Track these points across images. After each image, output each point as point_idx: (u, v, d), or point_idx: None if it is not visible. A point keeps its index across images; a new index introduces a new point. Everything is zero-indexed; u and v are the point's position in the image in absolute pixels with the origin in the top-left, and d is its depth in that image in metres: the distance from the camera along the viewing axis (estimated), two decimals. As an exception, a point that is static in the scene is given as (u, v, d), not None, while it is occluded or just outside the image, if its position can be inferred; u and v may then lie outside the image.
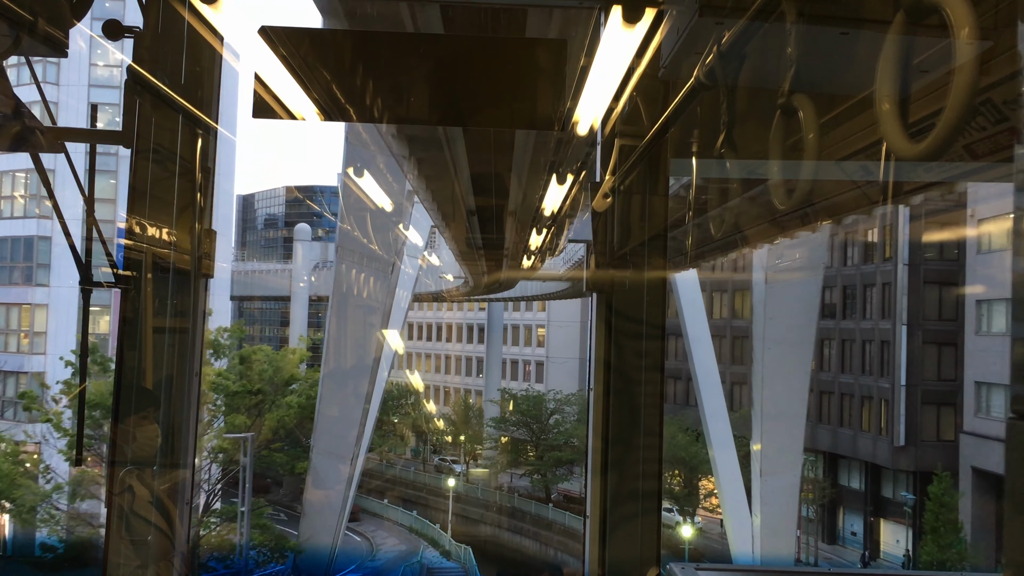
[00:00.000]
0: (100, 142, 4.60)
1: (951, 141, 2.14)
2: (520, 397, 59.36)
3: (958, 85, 2.03)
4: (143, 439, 4.43)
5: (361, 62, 4.48)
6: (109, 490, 4.37)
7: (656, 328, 5.91)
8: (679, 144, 5.59)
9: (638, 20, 3.49)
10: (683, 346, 52.42)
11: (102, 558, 4.37)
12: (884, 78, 2.36)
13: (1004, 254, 32.98)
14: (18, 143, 4.19)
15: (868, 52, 2.96)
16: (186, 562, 4.70)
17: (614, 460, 5.89)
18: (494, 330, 73.18)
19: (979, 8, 2.04)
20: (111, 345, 37.30)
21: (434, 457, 63.54)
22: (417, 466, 62.02)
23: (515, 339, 72.83)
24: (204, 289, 4.83)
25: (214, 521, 32.93)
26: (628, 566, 5.73)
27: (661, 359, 5.98)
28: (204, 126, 4.61)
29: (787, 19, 3.03)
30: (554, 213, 14.42)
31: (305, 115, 4.55)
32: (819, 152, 3.05)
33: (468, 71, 4.56)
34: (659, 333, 5.94)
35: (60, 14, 3.90)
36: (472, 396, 71.16)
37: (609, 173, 5.90)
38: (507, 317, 72.69)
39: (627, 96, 5.13)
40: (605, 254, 6.18)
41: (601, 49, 4.01)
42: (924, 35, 2.36)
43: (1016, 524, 1.52)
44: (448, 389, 75.25)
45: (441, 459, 62.22)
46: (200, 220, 4.65)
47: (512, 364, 72.59)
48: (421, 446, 64.85)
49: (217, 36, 4.32)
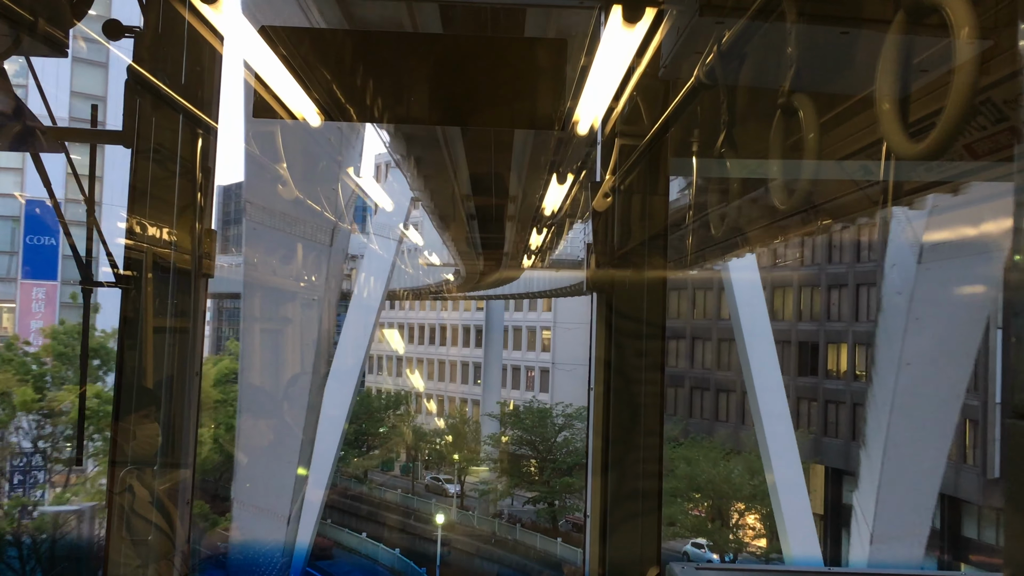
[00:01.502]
0: (100, 142, 4.61)
1: (951, 141, 2.14)
2: (523, 411, 51.02)
3: (958, 85, 2.03)
4: (143, 439, 4.43)
5: (361, 62, 4.48)
6: (110, 490, 4.38)
7: (656, 328, 5.91)
8: (679, 144, 5.59)
9: (638, 20, 3.48)
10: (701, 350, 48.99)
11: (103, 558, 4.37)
12: (884, 78, 2.36)
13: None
14: (18, 143, 4.19)
15: (868, 52, 2.96)
16: (186, 561, 4.70)
17: (614, 460, 5.89)
18: (493, 332, 65.64)
19: (979, 8, 2.05)
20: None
21: (426, 474, 55.83)
22: (407, 486, 54.12)
23: (516, 342, 64.96)
24: (204, 289, 4.83)
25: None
26: (628, 566, 5.73)
27: (661, 359, 5.98)
28: (204, 126, 4.61)
29: (787, 19, 3.04)
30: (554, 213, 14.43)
31: (305, 115, 4.55)
32: (819, 152, 3.05)
33: (468, 71, 4.56)
34: (659, 333, 5.94)
35: (60, 14, 3.90)
36: (468, 406, 63.84)
37: (609, 173, 5.90)
38: (508, 318, 65.25)
39: (627, 96, 5.13)
40: (605, 254, 6.18)
41: (601, 49, 4.00)
42: (924, 35, 2.36)
43: (1016, 524, 1.52)
44: (442, 398, 67.37)
45: (433, 478, 54.36)
46: (200, 220, 4.66)
47: (513, 371, 64.67)
48: (411, 462, 56.79)
49: (217, 36, 4.32)
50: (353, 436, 52.43)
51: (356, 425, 52.12)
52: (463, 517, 46.75)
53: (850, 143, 4.43)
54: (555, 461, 45.16)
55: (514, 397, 60.04)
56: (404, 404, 58.42)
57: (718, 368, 47.40)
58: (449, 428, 55.11)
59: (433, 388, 68.53)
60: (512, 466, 48.04)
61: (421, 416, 62.47)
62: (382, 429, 55.28)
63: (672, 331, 48.28)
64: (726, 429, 44.97)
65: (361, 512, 49.66)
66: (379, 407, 56.11)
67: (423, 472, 55.91)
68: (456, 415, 58.03)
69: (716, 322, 47.35)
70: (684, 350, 49.32)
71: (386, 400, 57.77)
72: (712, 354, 48.04)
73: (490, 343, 65.23)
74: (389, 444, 55.35)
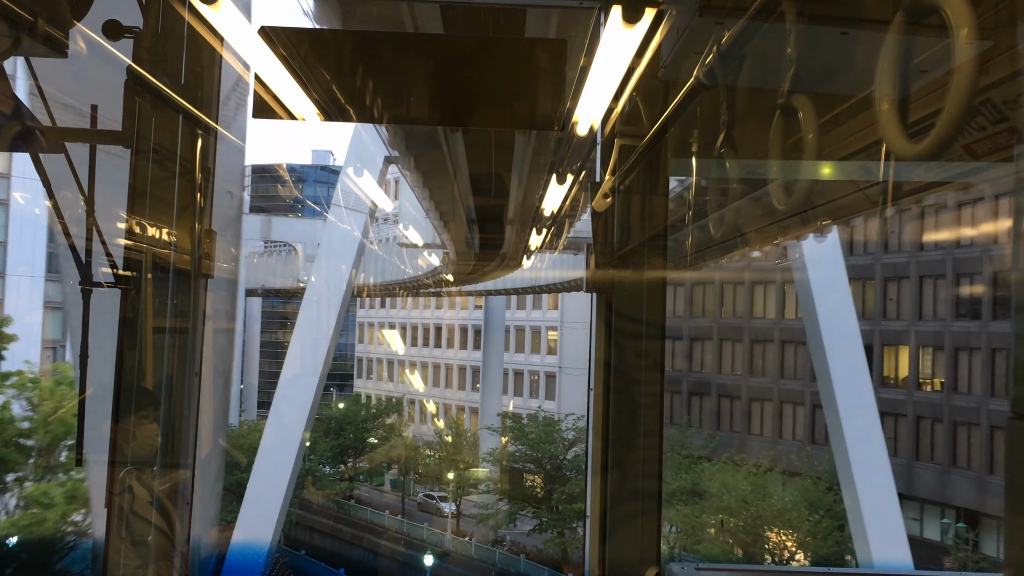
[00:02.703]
0: (100, 142, 4.61)
1: (951, 141, 2.14)
2: (528, 425, 43.92)
3: (958, 85, 2.03)
4: (143, 439, 4.43)
5: (361, 62, 4.48)
6: (109, 490, 4.38)
7: (656, 328, 5.91)
8: (679, 144, 5.59)
9: (638, 20, 3.48)
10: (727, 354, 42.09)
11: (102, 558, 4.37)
12: (884, 78, 2.37)
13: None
14: (18, 143, 4.19)
15: (868, 52, 2.96)
16: (186, 562, 4.70)
17: (614, 460, 5.89)
18: (493, 332, 58.22)
19: (979, 8, 2.05)
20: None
21: (419, 490, 50.89)
22: (397, 504, 49.11)
23: (519, 344, 58.33)
24: (204, 289, 4.84)
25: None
26: (628, 566, 5.73)
27: (661, 359, 5.98)
28: (204, 126, 4.62)
29: (787, 19, 3.04)
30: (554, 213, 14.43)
31: (305, 115, 4.55)
32: (819, 152, 3.05)
33: (468, 71, 4.56)
34: (659, 333, 5.94)
35: (60, 14, 3.90)
36: (466, 414, 57.71)
37: (609, 173, 5.90)
38: (509, 316, 58.51)
39: (627, 96, 5.13)
40: (605, 254, 6.18)
41: (601, 49, 4.00)
42: (924, 35, 2.36)
43: (1016, 524, 1.53)
44: (438, 405, 61.25)
45: (427, 495, 49.36)
46: (200, 220, 4.66)
47: (515, 375, 57.99)
48: (402, 476, 51.71)
49: (217, 36, 4.32)
50: (340, 447, 49.18)
51: (343, 436, 49.12)
52: (459, 545, 40.96)
53: (849, 143, 4.43)
54: (565, 482, 38.48)
55: (517, 405, 53.94)
56: (396, 412, 53.92)
57: (751, 374, 41.86)
58: (444, 441, 49.36)
59: (428, 394, 62.64)
60: (515, 486, 41.51)
61: (414, 425, 58.13)
62: (372, 439, 50.67)
63: (697, 331, 43.81)
64: (759, 443, 38.80)
65: (344, 536, 43.72)
66: (367, 415, 51.63)
67: (415, 487, 51.43)
68: (452, 425, 51.70)
69: (748, 321, 42.07)
70: (711, 353, 43.82)
71: (376, 408, 53.46)
72: (743, 357, 42.30)
73: (489, 344, 58.04)
74: (378, 456, 50.48)
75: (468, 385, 60.74)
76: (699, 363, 44.08)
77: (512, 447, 43.52)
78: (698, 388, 43.78)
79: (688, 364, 43.97)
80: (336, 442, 49.27)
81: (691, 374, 44.04)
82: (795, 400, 39.45)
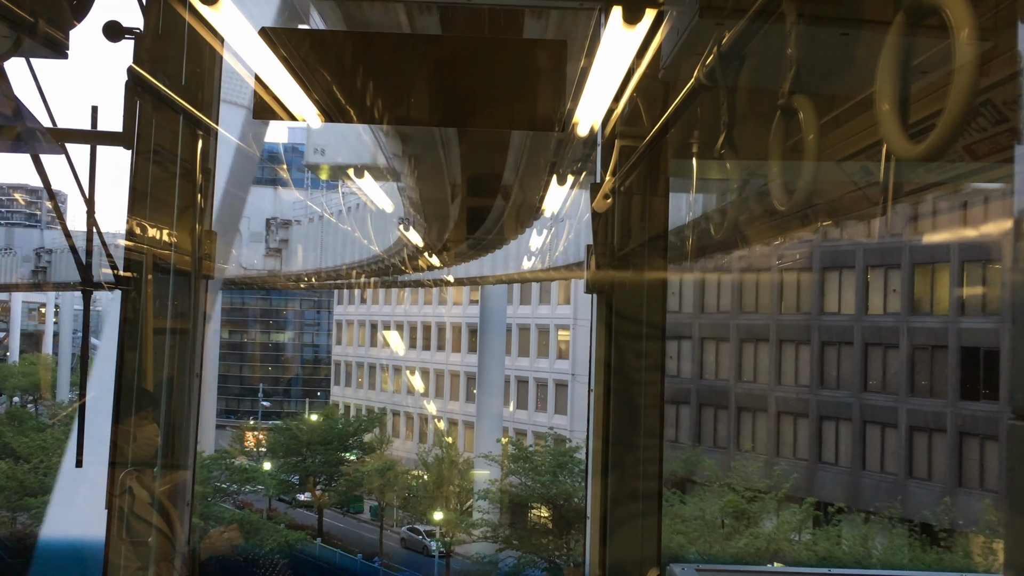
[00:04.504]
0: (100, 143, 4.61)
1: (951, 142, 2.14)
2: (534, 452, 36.01)
3: (958, 86, 2.03)
4: (143, 440, 4.43)
5: (361, 63, 4.49)
6: (110, 491, 4.38)
7: (656, 328, 5.92)
8: (679, 145, 5.59)
9: (638, 21, 3.48)
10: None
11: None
12: (884, 79, 2.37)
13: None
14: (18, 144, 4.19)
15: (868, 52, 2.96)
16: (186, 563, 4.69)
17: (614, 460, 5.89)
18: (491, 332, 46.36)
19: (979, 8, 2.05)
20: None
21: (404, 520, 42.87)
22: (375, 538, 41.39)
23: (523, 346, 48.88)
24: (204, 290, 4.84)
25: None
26: (628, 566, 5.73)
27: (661, 359, 5.99)
28: (204, 127, 4.62)
29: (787, 20, 3.04)
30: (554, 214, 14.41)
31: (304, 116, 4.55)
32: (819, 153, 3.05)
33: (468, 72, 4.56)
34: (659, 333, 5.95)
35: (60, 15, 3.90)
36: (460, 429, 49.22)
37: (609, 174, 5.90)
38: (511, 313, 48.17)
39: (627, 97, 5.13)
40: (605, 255, 6.18)
41: (601, 50, 4.01)
42: (924, 36, 2.37)
43: (1016, 524, 1.53)
44: (425, 419, 52.54)
45: (411, 529, 41.86)
46: (200, 221, 4.66)
47: (519, 384, 48.28)
48: (382, 503, 42.60)
49: (217, 37, 4.32)
50: (305, 470, 41.60)
51: (309, 457, 41.18)
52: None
53: (850, 144, 4.44)
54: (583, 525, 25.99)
55: (520, 420, 46.33)
56: (376, 426, 46.31)
57: (779, 383, 35.86)
58: (428, 468, 39.87)
59: (415, 406, 53.95)
60: (519, 531, 33.72)
61: (399, 441, 50.59)
62: (351, 455, 43.31)
63: (712, 330, 37.68)
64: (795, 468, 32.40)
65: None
66: (344, 431, 43.84)
67: (398, 514, 43.10)
68: (441, 444, 41.99)
69: (775, 318, 36.42)
70: (726, 356, 37.51)
71: (356, 422, 45.85)
72: (768, 360, 36.14)
73: (487, 346, 46.46)
74: (349, 485, 42.54)
75: (462, 395, 51.58)
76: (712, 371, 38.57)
77: (515, 480, 35.42)
78: (712, 399, 37.94)
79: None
80: (301, 464, 41.74)
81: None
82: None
